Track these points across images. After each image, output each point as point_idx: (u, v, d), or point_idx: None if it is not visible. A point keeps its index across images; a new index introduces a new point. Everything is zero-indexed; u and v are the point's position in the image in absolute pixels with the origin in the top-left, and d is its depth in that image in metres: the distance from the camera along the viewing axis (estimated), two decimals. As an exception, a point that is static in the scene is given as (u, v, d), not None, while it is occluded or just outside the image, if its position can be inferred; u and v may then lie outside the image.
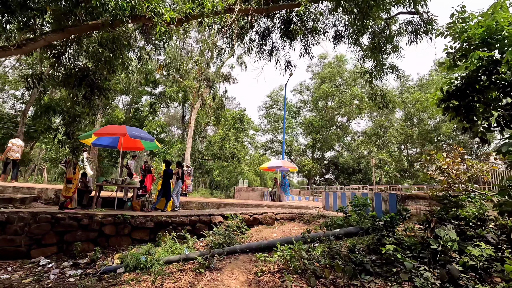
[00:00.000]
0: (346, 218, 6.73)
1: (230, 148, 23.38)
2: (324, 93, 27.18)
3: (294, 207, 10.82)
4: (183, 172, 8.47)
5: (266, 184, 61.65)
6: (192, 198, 11.15)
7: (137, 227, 6.61)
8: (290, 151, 29.37)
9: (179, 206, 8.24)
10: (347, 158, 30.35)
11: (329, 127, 29.87)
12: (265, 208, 9.85)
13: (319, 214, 8.14)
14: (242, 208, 9.40)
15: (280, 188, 16.26)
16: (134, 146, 9.68)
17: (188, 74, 16.00)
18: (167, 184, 7.95)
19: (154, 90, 30.17)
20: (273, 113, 32.19)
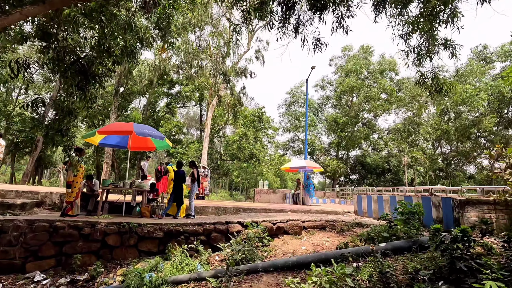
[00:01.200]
0: (391, 228, 5.53)
1: (249, 148, 22.52)
2: (349, 87, 25.52)
3: (322, 212, 9.68)
4: (199, 174, 7.66)
5: (287, 185, 60.22)
6: (209, 202, 10.36)
7: (144, 237, 5.86)
8: (312, 150, 28.00)
9: (194, 212, 7.43)
10: (375, 157, 28.39)
11: (354, 124, 28.09)
12: (290, 213, 8.82)
13: (354, 222, 6.97)
14: (263, 214, 8.44)
15: (304, 190, 15.10)
16: (145, 145, 9.04)
17: (203, 70, 15.36)
18: (178, 187, 7.18)
19: (171, 90, 30.12)
20: (294, 111, 30.94)
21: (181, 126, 24.52)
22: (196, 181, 7.56)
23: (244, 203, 11.31)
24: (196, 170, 7.64)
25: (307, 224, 6.78)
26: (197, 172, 7.61)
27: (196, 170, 7.64)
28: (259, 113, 24.50)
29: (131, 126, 6.90)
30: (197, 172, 7.61)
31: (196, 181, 7.56)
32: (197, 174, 7.62)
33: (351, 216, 9.39)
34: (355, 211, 10.14)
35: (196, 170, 7.67)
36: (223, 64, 13.76)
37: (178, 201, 7.15)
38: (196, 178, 7.54)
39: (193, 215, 7.40)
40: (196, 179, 7.54)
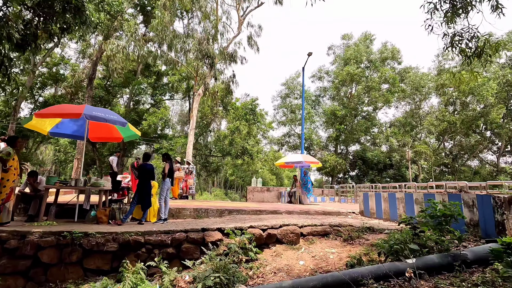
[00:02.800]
0: (416, 236, 4.31)
1: (241, 143, 21.22)
2: (348, 76, 24.30)
3: (322, 213, 8.48)
4: (172, 168, 6.35)
5: (283, 183, 59.05)
6: (190, 203, 9.07)
7: (92, 251, 4.57)
8: (309, 145, 26.84)
9: (167, 216, 6.14)
10: (376, 152, 27.35)
11: (353, 117, 26.97)
12: (285, 216, 7.59)
13: (364, 226, 5.75)
14: (252, 216, 7.19)
15: (301, 188, 13.91)
16: (109, 135, 7.69)
17: (186, 56, 13.94)
18: (144, 185, 5.87)
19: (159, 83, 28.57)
20: (289, 103, 29.67)
21: (167, 119, 23.07)
22: (168, 177, 6.26)
23: (232, 203, 10.06)
24: (168, 164, 6.33)
25: (305, 229, 5.54)
26: (169, 167, 6.31)
27: (168, 164, 6.33)
28: (251, 105, 23.17)
29: (81, 108, 5.55)
30: (169, 167, 6.31)
31: (168, 177, 6.26)
32: (170, 169, 6.31)
33: (356, 218, 8.21)
34: (361, 212, 8.96)
35: (169, 164, 6.36)
36: (207, 45, 12.35)
37: (143, 202, 5.84)
38: (168, 174, 6.24)
39: (165, 219, 6.11)
40: (167, 175, 6.24)
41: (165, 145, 20.69)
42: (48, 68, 29.28)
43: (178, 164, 11.03)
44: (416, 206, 6.51)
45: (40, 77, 27.91)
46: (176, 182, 10.78)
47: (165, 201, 6.28)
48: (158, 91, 25.35)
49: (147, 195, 5.91)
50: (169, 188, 6.33)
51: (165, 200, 6.24)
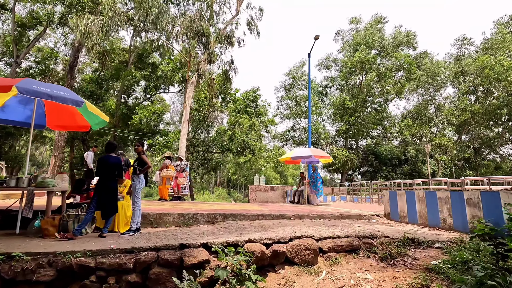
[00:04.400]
0: (500, 256, 2.89)
1: (241, 137, 19.80)
2: (359, 62, 22.68)
3: (340, 217, 7.06)
4: (145, 161, 4.98)
5: (287, 182, 57.61)
6: (174, 207, 7.70)
7: (15, 282, 3.20)
8: (316, 139, 25.33)
9: (139, 225, 4.79)
10: (389, 147, 25.80)
11: (364, 109, 25.38)
12: (294, 220, 6.19)
13: (405, 237, 4.32)
14: (253, 223, 5.80)
15: (310, 186, 12.52)
16: (73, 123, 6.33)
17: (176, 37, 12.48)
18: (104, 185, 4.50)
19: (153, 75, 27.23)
20: (294, 95, 28.12)
21: (160, 112, 21.71)
22: (140, 172, 4.88)
23: (228, 206, 8.68)
24: (146, 157, 4.97)
25: (325, 243, 4.13)
26: (141, 159, 4.93)
27: (146, 157, 4.97)
28: (253, 96, 21.71)
29: (14, 81, 4.16)
30: (141, 159, 4.93)
31: (140, 172, 4.88)
32: (143, 162, 4.93)
33: (382, 222, 6.80)
34: (386, 214, 7.54)
35: (141, 155, 4.99)
36: (200, 22, 10.89)
37: (103, 207, 4.47)
38: (140, 169, 4.86)
39: (137, 229, 4.74)
40: (140, 170, 4.86)
41: (159, 140, 19.36)
42: (37, 62, 28.10)
43: (168, 161, 9.68)
44: (469, 208, 5.06)
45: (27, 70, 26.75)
46: (164, 181, 9.45)
47: (137, 206, 4.91)
48: (151, 83, 23.98)
49: (110, 198, 4.53)
50: (141, 187, 4.96)
51: (136, 203, 4.87)
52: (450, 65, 26.98)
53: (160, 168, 9.61)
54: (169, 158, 9.89)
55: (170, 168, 9.44)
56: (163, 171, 9.32)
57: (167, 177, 9.40)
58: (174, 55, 23.52)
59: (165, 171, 9.28)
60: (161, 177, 9.37)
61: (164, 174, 9.28)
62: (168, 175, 9.35)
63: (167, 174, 9.27)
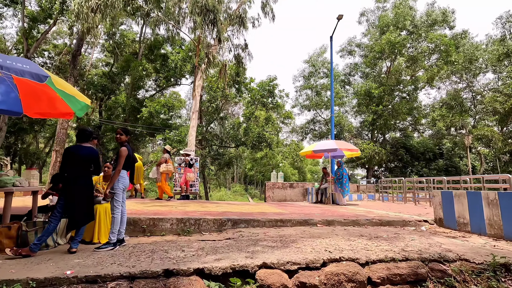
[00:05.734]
0: None
1: (257, 130, 18.64)
2: (388, 45, 20.70)
3: (379, 223, 5.75)
4: (132, 155, 3.94)
5: (305, 178, 55.84)
6: (176, 210, 6.68)
7: None
8: (339, 132, 23.73)
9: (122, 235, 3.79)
10: (422, 139, 23.74)
11: (393, 97, 23.40)
12: (322, 229, 4.96)
13: (495, 262, 2.99)
14: (270, 232, 4.66)
15: (335, 184, 11.21)
16: (53, 110, 5.40)
17: (184, 19, 11.42)
18: (75, 185, 3.49)
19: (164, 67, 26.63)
20: (314, 84, 26.51)
21: (171, 105, 20.95)
22: (125, 168, 3.85)
23: (242, 207, 7.59)
24: (126, 148, 3.92)
25: (376, 271, 2.90)
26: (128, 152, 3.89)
27: (126, 148, 3.92)
28: (269, 85, 20.42)
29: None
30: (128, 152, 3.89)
31: (125, 168, 3.85)
32: (128, 155, 3.89)
33: (436, 231, 5.45)
34: (437, 220, 6.14)
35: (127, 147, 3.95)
36: (205, -1, 9.77)
37: (71, 214, 3.47)
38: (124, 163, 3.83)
39: (120, 241, 3.74)
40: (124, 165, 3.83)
41: (169, 135, 18.59)
42: (49, 57, 28.29)
43: (167, 155, 8.72)
44: None
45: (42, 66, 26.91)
46: (163, 177, 8.49)
47: (121, 210, 3.90)
48: (161, 74, 23.28)
49: (80, 201, 3.52)
50: (125, 187, 3.92)
51: (117, 208, 3.85)
52: (492, 47, 24.28)
53: (158, 163, 8.70)
54: (169, 152, 8.95)
55: (170, 163, 8.48)
56: (162, 166, 8.39)
57: (167, 172, 8.47)
58: (185, 44, 22.66)
59: (164, 166, 8.34)
60: (160, 172, 8.45)
61: (163, 169, 8.34)
62: (168, 170, 8.40)
63: (166, 169, 8.33)
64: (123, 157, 3.76)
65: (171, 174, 8.89)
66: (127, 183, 3.89)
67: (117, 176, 3.73)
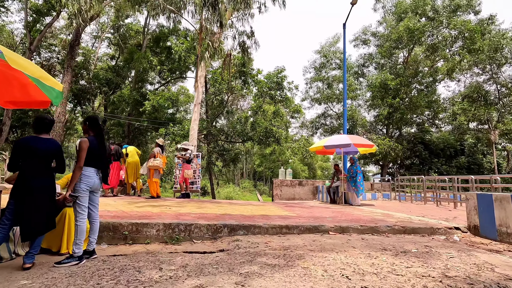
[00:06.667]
0: None
1: (264, 124, 17.89)
2: (406, 32, 19.46)
3: (402, 230, 4.93)
4: (99, 148, 3.30)
5: (315, 175, 54.60)
6: (164, 212, 6.05)
7: None
8: (352, 126, 22.71)
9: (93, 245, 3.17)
10: (442, 134, 22.49)
11: (411, 89, 22.16)
12: (334, 238, 4.20)
13: None
14: (273, 243, 3.95)
15: (348, 183, 10.42)
16: (28, 98, 4.79)
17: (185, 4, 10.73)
18: (30, 186, 2.85)
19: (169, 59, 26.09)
20: (325, 75, 25.45)
21: (175, 98, 20.39)
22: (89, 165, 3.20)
23: (245, 208, 6.90)
24: (87, 140, 3.26)
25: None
26: (92, 144, 3.24)
27: (87, 140, 3.26)
28: (277, 77, 19.58)
29: None
30: (92, 144, 3.24)
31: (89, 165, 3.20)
32: (93, 148, 3.24)
33: (473, 243, 4.63)
34: (471, 227, 5.30)
35: (92, 139, 3.30)
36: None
37: (24, 221, 2.83)
38: (86, 158, 3.17)
39: (90, 252, 3.13)
40: (86, 160, 3.17)
41: (172, 129, 18.08)
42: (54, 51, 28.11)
43: (157, 149, 8.15)
44: None
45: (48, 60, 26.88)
46: (151, 173, 7.92)
47: (90, 216, 3.27)
48: (165, 67, 22.73)
49: (36, 206, 2.88)
50: (93, 187, 3.26)
51: (89, 213, 3.22)
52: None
53: (148, 158, 8.12)
54: (161, 146, 8.35)
55: (159, 158, 7.89)
56: (150, 161, 7.83)
57: (155, 168, 7.89)
58: (190, 35, 22.00)
59: (152, 161, 7.77)
60: (148, 167, 7.91)
61: (150, 165, 7.79)
62: (155, 166, 7.81)
63: (153, 164, 7.75)
64: (83, 150, 3.11)
65: (162, 171, 8.30)
66: (93, 182, 3.22)
67: (77, 174, 3.08)
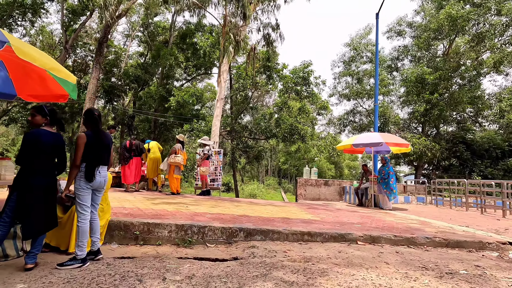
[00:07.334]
0: None
1: (289, 121, 17.40)
2: (448, 21, 17.85)
3: (444, 243, 4.27)
4: (97, 142, 3.12)
5: (342, 174, 52.76)
6: (179, 211, 5.88)
7: None
8: (383, 124, 21.45)
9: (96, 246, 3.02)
10: (487, 133, 20.56)
11: (451, 84, 20.43)
12: (363, 250, 3.72)
13: None
14: (292, 250, 3.59)
15: (378, 184, 9.72)
16: (46, 92, 4.79)
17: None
18: (31, 182, 2.72)
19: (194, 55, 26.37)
20: (355, 70, 24.28)
21: (199, 94, 20.48)
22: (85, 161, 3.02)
23: (265, 209, 6.59)
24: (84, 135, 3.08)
25: None
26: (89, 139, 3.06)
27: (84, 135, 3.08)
28: (304, 71, 18.95)
29: None
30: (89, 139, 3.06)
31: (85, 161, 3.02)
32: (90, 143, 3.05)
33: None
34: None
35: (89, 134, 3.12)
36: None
37: (25, 218, 2.71)
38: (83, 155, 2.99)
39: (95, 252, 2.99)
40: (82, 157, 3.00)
41: (196, 125, 18.19)
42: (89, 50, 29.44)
43: (178, 145, 8.04)
44: None
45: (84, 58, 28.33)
46: (172, 169, 7.83)
47: (90, 217, 3.10)
48: (190, 63, 22.93)
49: (37, 204, 2.75)
50: (95, 184, 3.07)
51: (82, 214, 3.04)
52: None
53: (169, 154, 8.05)
54: (181, 142, 8.23)
55: (181, 154, 7.77)
56: (171, 157, 7.73)
57: (175, 164, 7.79)
58: (215, 30, 21.99)
59: (173, 157, 7.66)
60: (168, 163, 7.83)
61: (170, 161, 7.70)
62: (176, 162, 7.71)
63: (174, 160, 7.65)
64: (79, 146, 2.93)
65: (182, 167, 8.21)
66: (94, 180, 3.01)
67: (74, 173, 2.91)
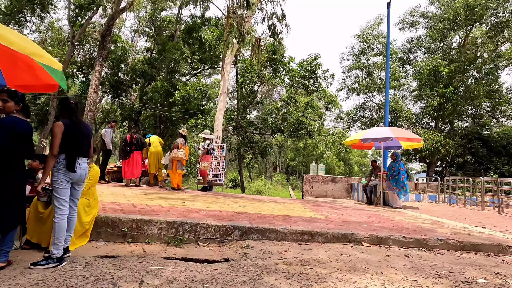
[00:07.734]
0: None
1: (296, 116, 17.02)
2: (464, 9, 17.02)
3: (459, 246, 3.82)
4: (74, 131, 2.88)
5: (352, 171, 51.94)
6: (174, 207, 5.65)
7: None
8: (394, 119, 20.81)
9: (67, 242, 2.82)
10: (505, 129, 19.71)
11: (467, 76, 19.61)
12: (368, 253, 3.38)
13: None
14: (289, 251, 3.30)
15: (388, 181, 9.34)
16: (36, 81, 4.61)
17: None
18: (10, 172, 2.51)
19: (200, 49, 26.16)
20: (365, 63, 23.60)
21: (205, 89, 20.25)
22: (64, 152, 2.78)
23: (266, 206, 6.32)
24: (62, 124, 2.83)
25: None
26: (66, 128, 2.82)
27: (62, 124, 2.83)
28: (311, 65, 18.45)
29: None
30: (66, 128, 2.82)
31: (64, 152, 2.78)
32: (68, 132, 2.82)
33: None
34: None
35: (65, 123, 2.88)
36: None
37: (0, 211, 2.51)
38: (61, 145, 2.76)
39: (60, 257, 2.75)
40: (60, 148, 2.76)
41: (201, 120, 17.99)
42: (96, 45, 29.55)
43: (180, 139, 7.85)
44: None
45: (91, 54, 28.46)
46: (174, 164, 7.64)
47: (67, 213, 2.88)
48: (196, 56, 22.70)
49: (7, 195, 2.55)
50: (74, 177, 2.84)
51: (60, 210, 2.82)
52: None
53: (171, 148, 7.88)
54: (184, 137, 8.05)
55: (183, 149, 7.61)
56: (173, 152, 7.56)
57: (177, 159, 7.61)
58: (220, 23, 21.66)
59: (175, 152, 7.48)
60: (171, 158, 7.67)
61: (172, 156, 7.53)
62: (178, 157, 7.52)
63: (176, 155, 7.47)
64: (56, 135, 2.69)
65: (184, 162, 8.02)
66: (73, 172, 2.78)
67: (51, 163, 2.68)
